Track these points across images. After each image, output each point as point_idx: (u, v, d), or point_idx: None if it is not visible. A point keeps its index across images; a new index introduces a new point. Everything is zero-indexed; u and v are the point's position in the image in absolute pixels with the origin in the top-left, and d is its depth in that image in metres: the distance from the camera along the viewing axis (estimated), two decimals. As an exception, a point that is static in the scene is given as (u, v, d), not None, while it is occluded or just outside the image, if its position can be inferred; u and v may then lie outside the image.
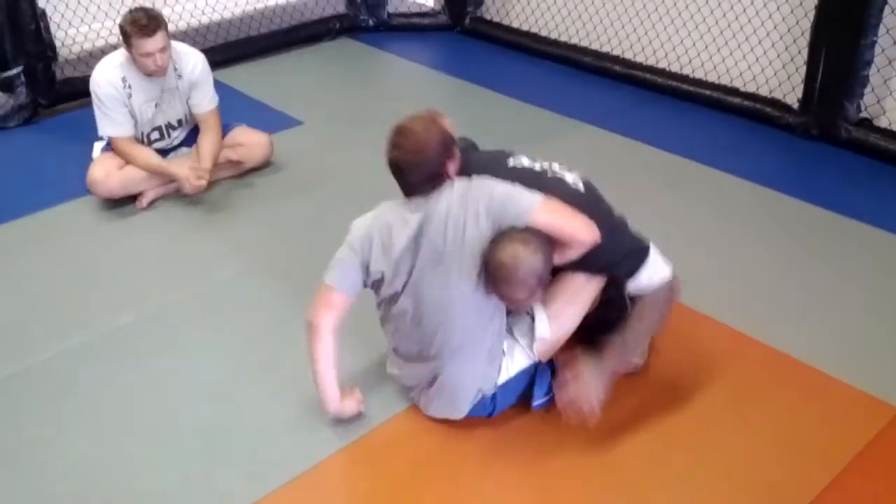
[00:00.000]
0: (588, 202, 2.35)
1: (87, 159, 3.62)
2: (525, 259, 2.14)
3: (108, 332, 2.86)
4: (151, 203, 3.60)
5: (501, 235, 2.18)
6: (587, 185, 2.43)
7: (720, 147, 4.02)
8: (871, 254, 3.24)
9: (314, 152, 4.04)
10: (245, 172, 3.80)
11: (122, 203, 3.58)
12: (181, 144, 3.74)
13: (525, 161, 2.45)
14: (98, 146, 3.66)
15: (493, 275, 2.18)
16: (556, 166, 2.45)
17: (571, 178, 2.42)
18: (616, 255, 2.36)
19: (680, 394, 2.59)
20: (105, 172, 3.51)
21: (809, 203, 3.55)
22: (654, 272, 2.37)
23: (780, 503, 2.24)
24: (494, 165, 2.40)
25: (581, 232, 2.25)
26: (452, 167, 2.31)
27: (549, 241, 2.22)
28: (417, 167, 2.24)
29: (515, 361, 2.38)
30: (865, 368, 2.66)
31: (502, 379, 2.36)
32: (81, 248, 3.35)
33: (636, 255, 2.38)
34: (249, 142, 3.78)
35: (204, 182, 3.51)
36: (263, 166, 3.84)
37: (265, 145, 3.82)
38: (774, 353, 2.74)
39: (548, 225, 2.22)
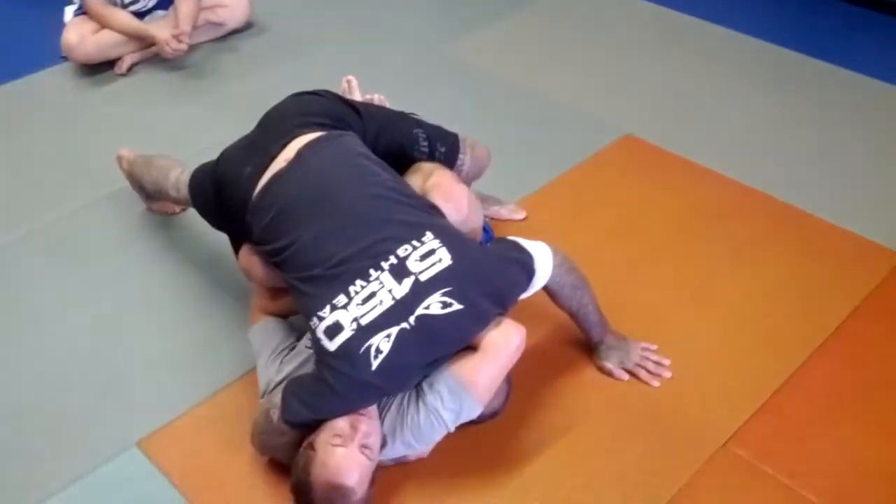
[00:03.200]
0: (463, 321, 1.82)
1: (59, 25, 3.44)
2: None
3: (84, 205, 2.80)
4: (130, 68, 3.45)
5: None
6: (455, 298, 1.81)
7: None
8: (870, 104, 3.17)
9: (296, 11, 3.85)
10: (226, 35, 3.64)
11: (100, 69, 3.43)
12: (156, 7, 3.55)
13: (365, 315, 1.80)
14: (69, 10, 3.48)
15: None
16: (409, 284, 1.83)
17: (439, 303, 1.80)
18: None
19: (681, 247, 2.57)
20: (79, 36, 3.35)
21: (806, 55, 3.45)
22: (541, 275, 1.95)
23: (784, 351, 2.24)
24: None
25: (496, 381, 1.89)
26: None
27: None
28: None
29: None
30: (869, 216, 2.63)
31: None
32: (58, 117, 3.22)
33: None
34: (229, 2, 3.60)
35: (184, 46, 3.35)
36: (244, 28, 3.67)
37: (245, 4, 3.64)
38: (777, 203, 2.71)
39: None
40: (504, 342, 1.85)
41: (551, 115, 3.17)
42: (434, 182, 2.08)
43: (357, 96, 2.59)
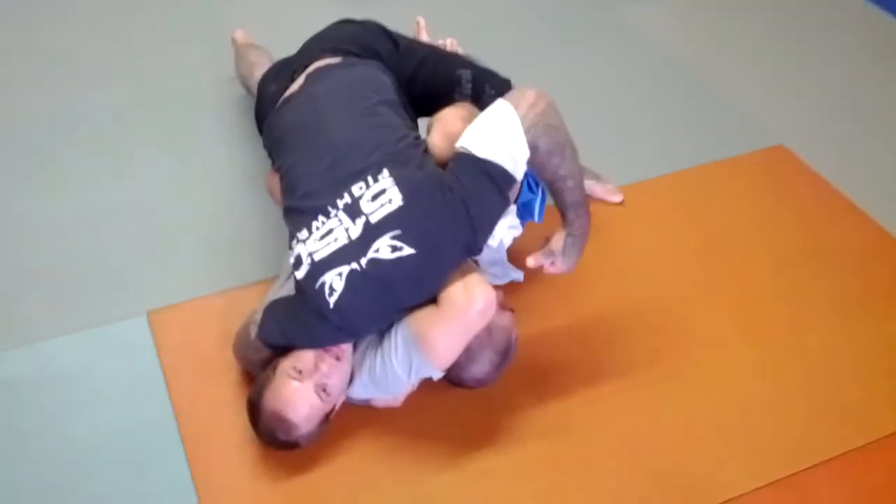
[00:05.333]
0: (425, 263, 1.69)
1: None
2: None
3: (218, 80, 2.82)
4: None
5: None
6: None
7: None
8: None
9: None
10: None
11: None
12: None
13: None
14: None
15: None
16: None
17: (388, 246, 1.68)
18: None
19: (786, 281, 2.26)
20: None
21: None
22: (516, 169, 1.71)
23: (863, 423, 1.94)
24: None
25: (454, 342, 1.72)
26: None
27: None
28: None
29: None
30: None
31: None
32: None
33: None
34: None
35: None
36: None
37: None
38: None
39: None
40: (464, 301, 1.67)
41: (705, 103, 2.86)
42: (440, 115, 1.89)
43: (424, 38, 2.48)
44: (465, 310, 1.66)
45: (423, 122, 2.01)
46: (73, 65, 2.85)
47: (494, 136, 1.69)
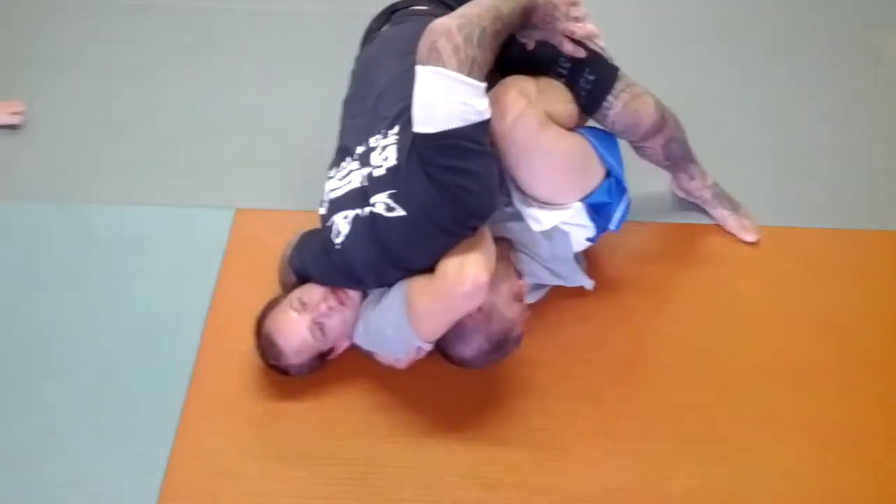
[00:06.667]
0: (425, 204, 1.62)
1: None
2: None
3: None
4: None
5: None
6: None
7: None
8: None
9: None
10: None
11: None
12: None
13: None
14: None
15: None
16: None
17: (383, 203, 1.65)
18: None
19: None
20: None
21: None
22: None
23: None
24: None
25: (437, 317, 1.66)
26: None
27: None
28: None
29: None
30: None
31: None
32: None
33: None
34: None
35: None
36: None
37: None
38: None
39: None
40: (452, 278, 1.60)
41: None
42: (502, 82, 1.76)
43: None
44: (451, 288, 1.60)
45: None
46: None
47: (433, 104, 1.56)
